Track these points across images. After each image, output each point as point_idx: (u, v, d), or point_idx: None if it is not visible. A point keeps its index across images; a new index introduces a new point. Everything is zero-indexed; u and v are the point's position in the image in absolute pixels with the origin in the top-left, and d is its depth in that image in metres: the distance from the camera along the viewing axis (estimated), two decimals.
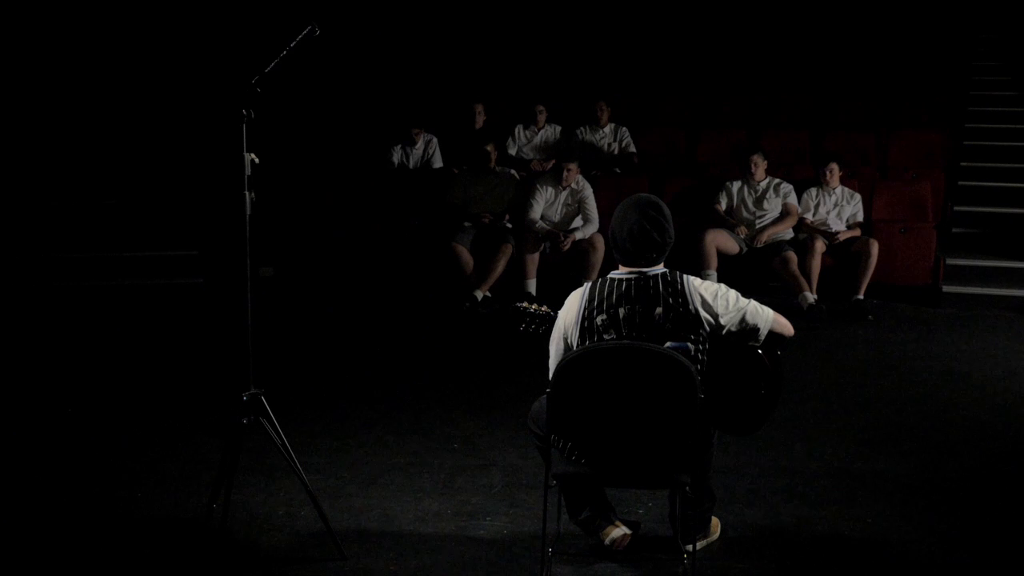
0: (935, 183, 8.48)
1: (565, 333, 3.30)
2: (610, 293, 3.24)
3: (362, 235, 8.50)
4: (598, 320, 3.21)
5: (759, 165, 7.81)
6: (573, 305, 3.30)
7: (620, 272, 3.30)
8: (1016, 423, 5.14)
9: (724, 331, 3.26)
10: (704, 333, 3.22)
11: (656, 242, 3.25)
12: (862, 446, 4.76)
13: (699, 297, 3.23)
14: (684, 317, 3.20)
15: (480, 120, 9.37)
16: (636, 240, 3.24)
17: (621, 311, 3.20)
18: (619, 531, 3.56)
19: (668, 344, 3.15)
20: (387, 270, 8.35)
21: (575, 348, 3.25)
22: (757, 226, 7.69)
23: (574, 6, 11.64)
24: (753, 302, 3.32)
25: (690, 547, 3.41)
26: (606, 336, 3.19)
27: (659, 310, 3.20)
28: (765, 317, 3.30)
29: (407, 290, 8.09)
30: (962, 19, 11.49)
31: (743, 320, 3.26)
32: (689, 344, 3.18)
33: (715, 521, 3.72)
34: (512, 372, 5.88)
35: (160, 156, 9.36)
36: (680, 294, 3.22)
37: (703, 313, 3.22)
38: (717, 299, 3.25)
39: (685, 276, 3.28)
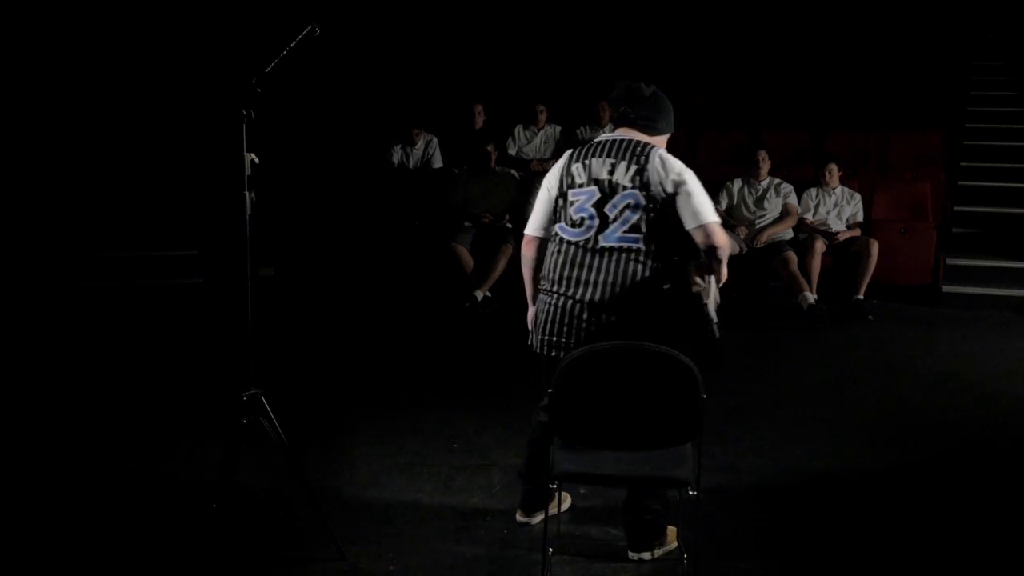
0: (935, 183, 8.48)
1: (548, 183, 3.57)
2: (591, 147, 3.52)
3: (362, 235, 8.50)
4: (574, 168, 3.49)
5: (765, 162, 7.82)
6: (563, 157, 3.57)
7: (606, 135, 3.56)
8: (1016, 423, 5.14)
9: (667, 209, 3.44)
10: (657, 199, 3.39)
11: (628, 98, 3.54)
12: (862, 446, 4.76)
13: (661, 169, 3.39)
14: (642, 177, 3.39)
15: (480, 120, 9.37)
16: (618, 95, 3.57)
17: (595, 161, 3.46)
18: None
19: (623, 191, 3.40)
20: (387, 270, 8.35)
21: (554, 195, 3.53)
22: (757, 226, 7.69)
23: (574, 6, 11.63)
24: (704, 204, 3.41)
25: (646, 555, 3.51)
26: (578, 181, 3.46)
27: (623, 164, 3.42)
28: (701, 217, 3.39)
29: (407, 290, 8.09)
30: (963, 19, 11.49)
31: (682, 211, 3.40)
32: (641, 195, 3.37)
33: (672, 530, 3.66)
34: (513, 372, 5.87)
35: (160, 156, 9.36)
36: (646, 157, 3.41)
37: (658, 184, 3.38)
38: (669, 179, 3.39)
39: (657, 149, 3.45)
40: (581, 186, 3.45)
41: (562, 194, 3.50)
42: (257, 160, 3.37)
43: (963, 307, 7.62)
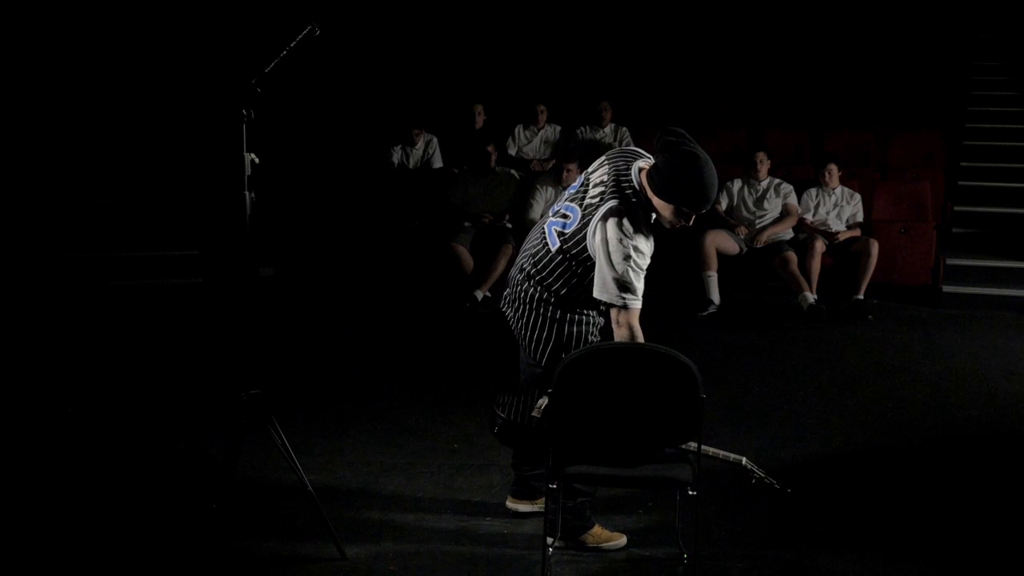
0: (935, 183, 8.48)
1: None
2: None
3: (362, 235, 8.50)
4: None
5: (763, 163, 7.82)
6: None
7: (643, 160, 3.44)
8: (1016, 423, 5.14)
9: None
10: (578, 236, 3.38)
11: (661, 149, 3.37)
12: (862, 446, 4.76)
13: (602, 228, 3.30)
14: (592, 205, 3.36)
15: (480, 120, 9.37)
16: (658, 143, 3.39)
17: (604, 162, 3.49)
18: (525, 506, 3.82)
19: (581, 189, 3.41)
20: (387, 270, 8.35)
21: None
22: (757, 226, 7.69)
23: (574, 6, 11.64)
24: (608, 283, 3.28)
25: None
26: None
27: (603, 173, 3.43)
28: (603, 294, 3.30)
29: (407, 290, 8.09)
30: (962, 19, 11.49)
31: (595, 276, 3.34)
32: (579, 211, 3.39)
33: (606, 533, 3.67)
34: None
35: (160, 156, 9.36)
36: (614, 198, 3.34)
37: (591, 234, 3.34)
38: (596, 240, 3.31)
39: (617, 211, 3.30)
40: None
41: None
42: (257, 160, 3.37)
43: (963, 307, 7.62)
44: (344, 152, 9.51)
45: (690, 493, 3.18)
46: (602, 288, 3.29)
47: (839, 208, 7.80)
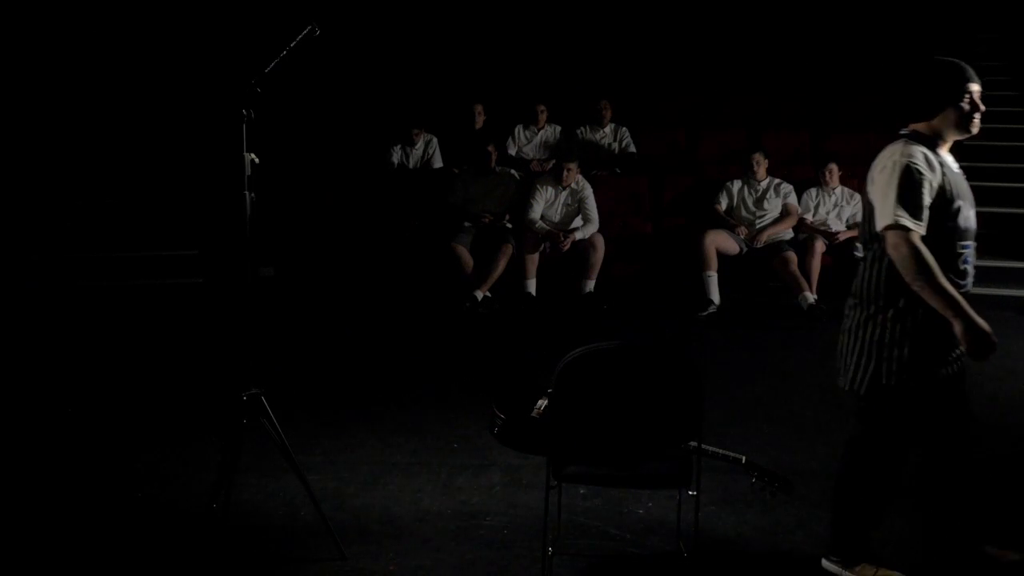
0: None
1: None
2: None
3: (362, 235, 8.51)
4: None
5: (761, 164, 7.82)
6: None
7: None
8: (1015, 423, 5.14)
9: None
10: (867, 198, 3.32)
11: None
12: None
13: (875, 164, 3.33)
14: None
15: (480, 120, 9.37)
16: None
17: None
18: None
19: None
20: (387, 270, 8.35)
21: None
22: (757, 226, 7.69)
23: (574, 6, 11.64)
24: (885, 205, 3.12)
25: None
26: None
27: None
28: (878, 219, 3.18)
29: (407, 290, 8.09)
30: (962, 19, 11.49)
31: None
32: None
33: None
34: (513, 371, 5.87)
35: (160, 156, 9.36)
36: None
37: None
38: (870, 174, 3.31)
39: (896, 143, 3.29)
40: None
41: None
42: (257, 160, 3.38)
43: None
44: (344, 152, 9.51)
45: (690, 493, 3.17)
46: (880, 214, 3.11)
47: (839, 208, 7.80)
